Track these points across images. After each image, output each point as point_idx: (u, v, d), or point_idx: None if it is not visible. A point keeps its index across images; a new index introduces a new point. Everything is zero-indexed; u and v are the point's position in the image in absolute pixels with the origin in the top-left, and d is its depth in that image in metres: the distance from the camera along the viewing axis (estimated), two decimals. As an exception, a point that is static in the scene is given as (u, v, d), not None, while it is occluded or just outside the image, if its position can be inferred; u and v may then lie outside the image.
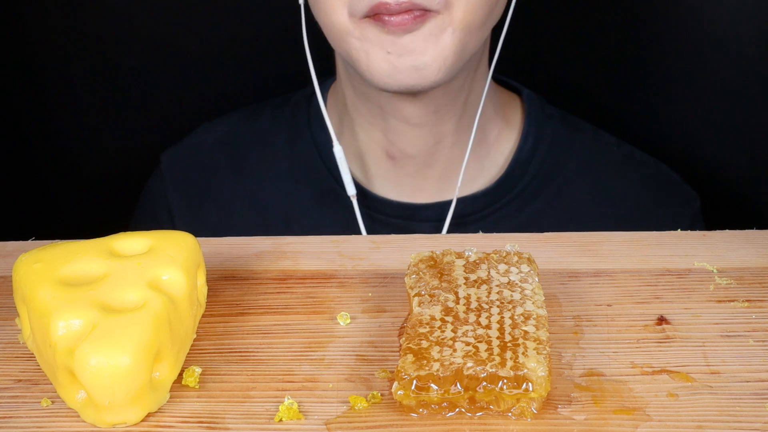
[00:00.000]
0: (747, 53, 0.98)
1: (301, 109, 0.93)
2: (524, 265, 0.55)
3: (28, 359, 0.53)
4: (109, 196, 1.10)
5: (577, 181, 0.90)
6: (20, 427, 0.48)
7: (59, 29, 1.07)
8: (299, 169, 0.91)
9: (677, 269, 0.60)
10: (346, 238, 0.64)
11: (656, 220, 0.90)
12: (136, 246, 0.54)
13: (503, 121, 0.90)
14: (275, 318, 0.56)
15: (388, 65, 0.76)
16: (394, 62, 0.76)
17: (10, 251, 0.63)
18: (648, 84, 1.04)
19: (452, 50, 0.76)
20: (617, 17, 1.03)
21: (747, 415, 0.48)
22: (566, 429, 0.47)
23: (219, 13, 1.06)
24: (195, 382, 0.51)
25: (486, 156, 0.89)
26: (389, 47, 0.75)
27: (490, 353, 0.48)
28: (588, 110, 1.00)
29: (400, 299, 0.57)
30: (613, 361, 0.52)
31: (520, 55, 0.93)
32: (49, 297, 0.50)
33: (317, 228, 0.88)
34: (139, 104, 1.09)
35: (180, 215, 0.93)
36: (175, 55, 1.07)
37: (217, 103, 1.07)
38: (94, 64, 1.08)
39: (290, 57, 0.94)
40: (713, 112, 1.01)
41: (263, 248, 0.63)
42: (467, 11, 0.75)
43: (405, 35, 0.75)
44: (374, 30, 0.76)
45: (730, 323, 0.55)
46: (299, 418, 0.48)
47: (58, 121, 1.11)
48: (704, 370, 0.51)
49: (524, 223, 0.87)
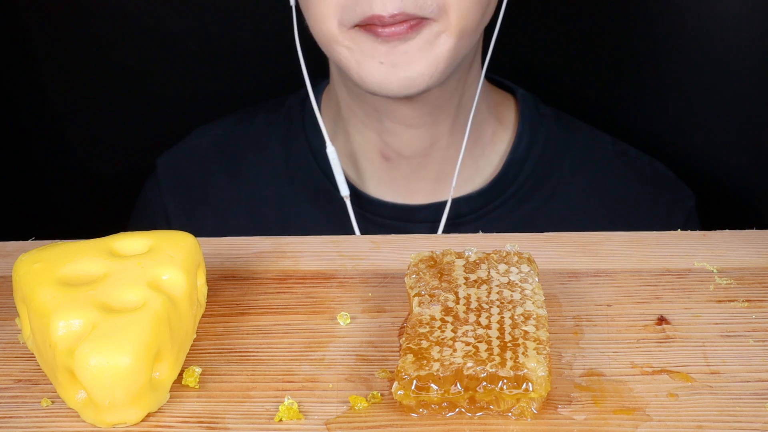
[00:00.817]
0: (746, 51, 0.98)
1: (296, 111, 0.93)
2: (524, 265, 0.55)
3: (28, 359, 0.53)
4: (109, 196, 1.10)
5: (572, 179, 0.90)
6: (20, 427, 0.48)
7: (59, 29, 1.07)
8: (294, 172, 0.91)
9: (677, 269, 0.60)
10: (346, 238, 0.64)
11: (651, 217, 0.90)
12: (136, 246, 0.54)
13: (497, 121, 0.90)
14: (275, 318, 0.56)
15: (380, 74, 0.76)
16: (386, 72, 0.75)
17: (10, 251, 0.63)
18: (645, 83, 1.04)
19: (446, 56, 0.76)
20: (612, 15, 1.03)
21: (747, 415, 0.48)
22: (566, 429, 0.47)
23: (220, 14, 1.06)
24: (195, 382, 0.51)
25: (481, 156, 0.89)
26: (382, 58, 0.75)
27: (490, 353, 0.48)
28: (583, 109, 1.00)
29: (400, 299, 0.57)
30: (613, 361, 0.52)
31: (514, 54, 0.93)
32: (49, 297, 0.50)
33: (312, 230, 0.88)
34: (139, 104, 1.09)
35: (176, 219, 0.93)
36: (175, 55, 1.07)
37: (217, 102, 1.07)
38: (94, 64, 1.08)
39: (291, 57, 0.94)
40: (712, 112, 1.01)
41: (263, 248, 0.63)
42: (461, 16, 0.75)
43: (399, 45, 0.75)
44: (367, 39, 0.75)
45: (730, 323, 0.55)
46: (299, 418, 0.48)
47: (58, 121, 1.11)
48: (704, 370, 0.51)
49: (520, 223, 0.87)
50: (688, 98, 1.02)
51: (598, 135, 0.93)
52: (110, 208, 1.07)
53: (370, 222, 0.88)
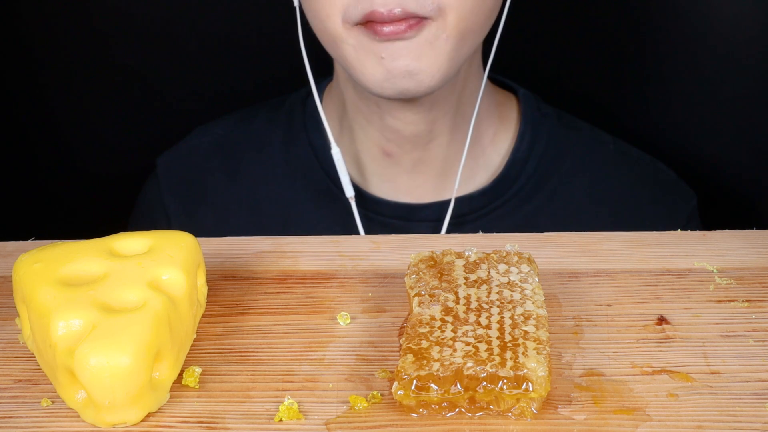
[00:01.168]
0: (747, 51, 0.98)
1: (297, 111, 0.93)
2: (524, 265, 0.55)
3: (28, 359, 0.53)
4: (109, 196, 1.10)
5: (574, 179, 0.90)
6: (20, 427, 0.48)
7: (59, 29, 1.07)
8: (296, 171, 0.91)
9: (677, 269, 0.60)
10: (346, 238, 0.64)
11: (653, 217, 0.90)
12: (136, 246, 0.54)
13: (499, 121, 0.90)
14: (275, 318, 0.56)
15: (382, 71, 0.76)
16: (388, 66, 0.76)
17: (10, 251, 0.63)
18: (646, 83, 1.04)
19: (446, 57, 0.76)
20: (614, 14, 1.03)
21: (747, 415, 0.48)
22: (566, 429, 0.47)
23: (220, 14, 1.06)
24: (195, 382, 0.51)
25: (482, 155, 0.89)
26: (383, 52, 0.75)
27: (490, 353, 0.48)
28: (584, 108, 1.00)
29: (400, 299, 0.57)
30: (613, 361, 0.52)
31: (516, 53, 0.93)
32: (49, 297, 0.50)
33: (314, 230, 0.88)
34: (139, 104, 1.09)
35: (176, 219, 0.93)
36: (175, 54, 1.07)
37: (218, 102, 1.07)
38: (94, 64, 1.08)
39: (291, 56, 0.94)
40: (712, 111, 1.01)
41: (263, 248, 0.63)
42: (461, 17, 0.75)
43: (398, 42, 0.75)
44: (367, 38, 0.75)
45: (730, 323, 0.55)
46: (299, 418, 0.48)
47: (58, 121, 1.11)
48: (704, 370, 0.51)
49: (521, 222, 0.87)
50: (689, 98, 1.02)
51: (599, 135, 0.93)
52: (110, 208, 1.07)
53: (373, 221, 0.88)
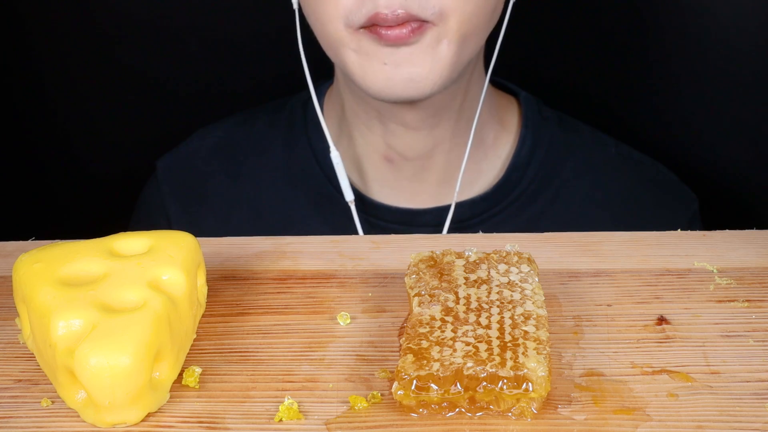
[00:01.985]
0: (748, 52, 0.98)
1: (298, 114, 0.93)
2: (524, 265, 0.55)
3: (28, 359, 0.53)
4: (109, 196, 1.10)
5: (575, 183, 0.90)
6: (20, 427, 0.48)
7: (60, 29, 1.07)
8: (296, 175, 0.91)
9: (677, 269, 0.60)
10: (346, 238, 0.64)
11: (654, 220, 0.90)
12: (136, 246, 0.54)
13: (500, 125, 0.90)
14: (275, 318, 0.56)
15: (384, 77, 0.76)
16: (390, 73, 0.75)
17: (10, 251, 0.63)
18: (646, 85, 1.04)
19: (448, 61, 0.76)
20: (615, 18, 1.03)
21: (747, 415, 0.48)
22: (566, 429, 0.47)
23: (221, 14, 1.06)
24: (195, 382, 0.51)
25: (483, 159, 0.89)
26: (386, 58, 0.75)
27: (490, 353, 0.48)
28: (586, 112, 1.00)
29: (400, 299, 0.57)
30: (613, 361, 0.52)
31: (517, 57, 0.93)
32: (49, 297, 0.50)
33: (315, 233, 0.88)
34: (140, 104, 1.09)
35: (177, 221, 0.93)
36: (176, 55, 1.07)
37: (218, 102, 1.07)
38: (94, 64, 1.08)
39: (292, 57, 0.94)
40: (713, 112, 1.01)
41: (263, 248, 0.63)
42: (462, 21, 0.75)
43: (402, 47, 0.75)
44: (370, 42, 0.75)
45: (730, 323, 0.55)
46: (299, 418, 0.48)
47: (58, 121, 1.11)
48: (704, 370, 0.51)
49: (523, 227, 0.87)
50: (690, 99, 1.02)
51: (601, 138, 0.93)
52: (110, 208, 1.07)
53: (374, 226, 0.88)
